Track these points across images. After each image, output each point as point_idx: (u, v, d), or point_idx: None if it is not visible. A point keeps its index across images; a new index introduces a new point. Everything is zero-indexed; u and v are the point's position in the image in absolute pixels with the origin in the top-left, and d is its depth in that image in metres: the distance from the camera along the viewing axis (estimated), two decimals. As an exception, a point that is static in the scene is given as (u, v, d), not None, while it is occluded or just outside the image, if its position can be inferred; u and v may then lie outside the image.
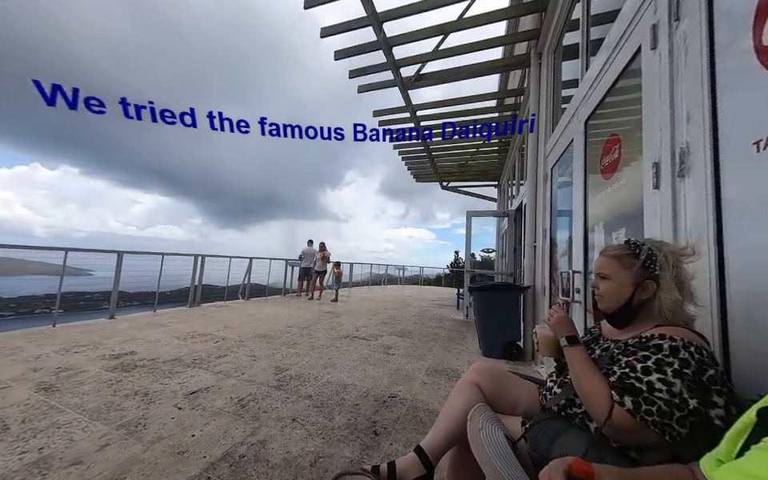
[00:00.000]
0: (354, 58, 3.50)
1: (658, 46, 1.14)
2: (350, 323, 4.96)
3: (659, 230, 1.12)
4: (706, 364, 0.64)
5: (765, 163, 0.73)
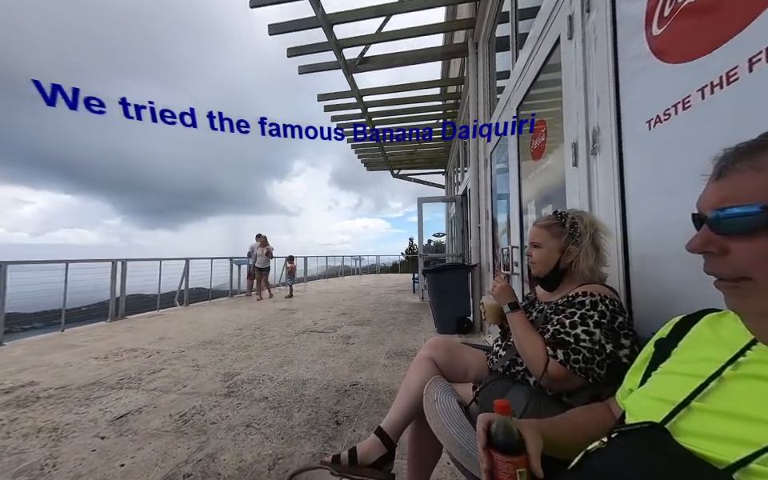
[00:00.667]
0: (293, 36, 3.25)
1: (574, 36, 1.27)
2: (307, 318, 4.79)
3: (578, 203, 1.28)
4: (617, 313, 0.75)
5: (654, 138, 0.87)
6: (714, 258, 0.37)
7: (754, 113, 0.57)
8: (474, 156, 3.63)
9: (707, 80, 0.68)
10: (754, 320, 0.36)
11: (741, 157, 0.35)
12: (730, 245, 0.35)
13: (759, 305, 0.34)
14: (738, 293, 0.36)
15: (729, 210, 0.34)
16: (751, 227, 0.33)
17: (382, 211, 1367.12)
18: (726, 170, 0.36)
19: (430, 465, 1.04)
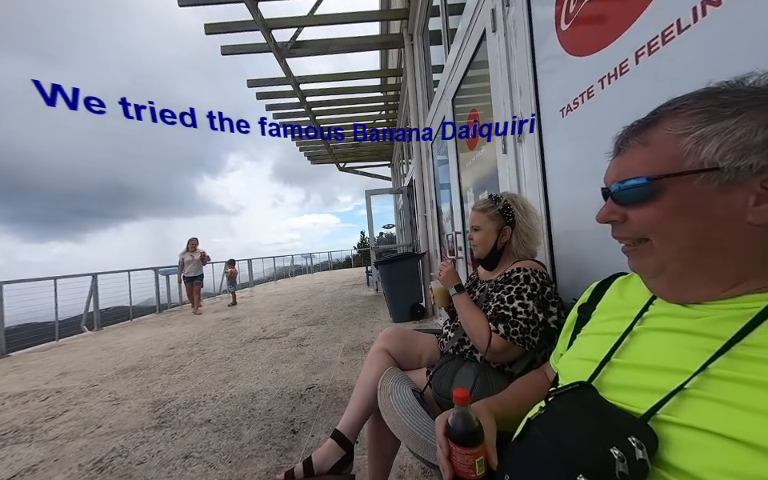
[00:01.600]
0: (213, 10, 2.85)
1: (497, 30, 1.35)
2: (254, 325, 4.43)
3: (509, 188, 1.39)
4: (546, 284, 0.83)
5: (566, 125, 0.97)
6: (617, 225, 0.42)
7: (642, 99, 0.67)
8: (417, 148, 3.73)
9: (605, 71, 0.78)
10: (651, 278, 0.41)
11: (633, 134, 0.39)
12: (628, 213, 0.39)
13: (654, 263, 0.39)
14: (637, 254, 0.41)
15: (625, 183, 0.38)
16: (642, 196, 0.37)
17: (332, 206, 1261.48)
18: (622, 146, 0.40)
19: (391, 454, 1.04)
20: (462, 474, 0.46)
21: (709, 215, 0.33)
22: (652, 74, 0.65)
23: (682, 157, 0.34)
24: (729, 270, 0.34)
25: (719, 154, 0.32)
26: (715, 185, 0.32)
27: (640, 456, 0.29)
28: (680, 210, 0.35)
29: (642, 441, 0.30)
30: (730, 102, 0.32)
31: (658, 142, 0.36)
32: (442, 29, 2.69)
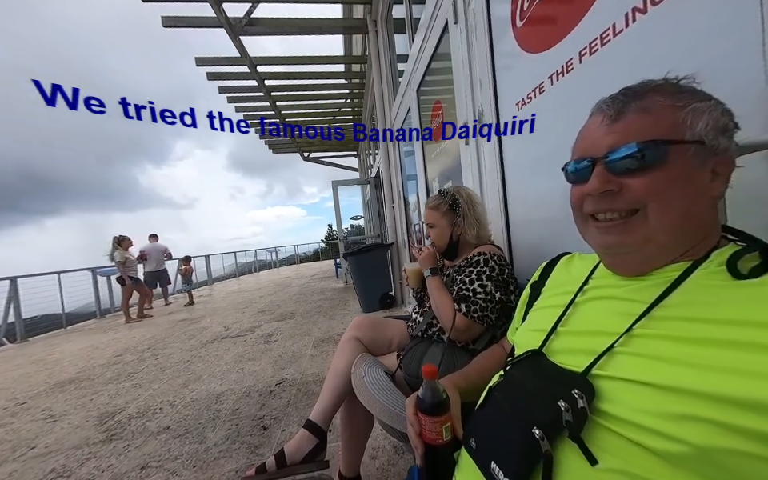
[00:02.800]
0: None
1: (459, 22, 1.39)
2: (216, 324, 4.17)
3: (471, 177, 1.46)
4: (503, 266, 0.90)
5: (523, 116, 1.05)
6: (608, 196, 0.39)
7: (585, 94, 0.74)
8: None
9: (554, 69, 0.84)
10: (626, 253, 0.40)
11: (629, 98, 0.38)
12: (625, 181, 0.37)
13: (641, 237, 0.38)
14: (624, 228, 0.39)
15: (622, 150, 0.36)
16: (646, 164, 0.36)
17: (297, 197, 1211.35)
18: (621, 111, 0.38)
19: (363, 437, 1.07)
20: (430, 441, 0.49)
21: (697, 187, 0.35)
22: (593, 73, 0.72)
23: (682, 126, 0.34)
24: (686, 242, 0.37)
25: (707, 129, 0.34)
26: (699, 160, 0.34)
27: (581, 405, 0.34)
28: (680, 179, 0.35)
29: (582, 392, 0.35)
30: (693, 90, 0.36)
31: (657, 110, 0.36)
32: (405, 17, 2.68)
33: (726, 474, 0.26)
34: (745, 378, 0.26)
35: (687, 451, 0.27)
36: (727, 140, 0.34)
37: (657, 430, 0.29)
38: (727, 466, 0.26)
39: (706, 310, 0.32)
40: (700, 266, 0.35)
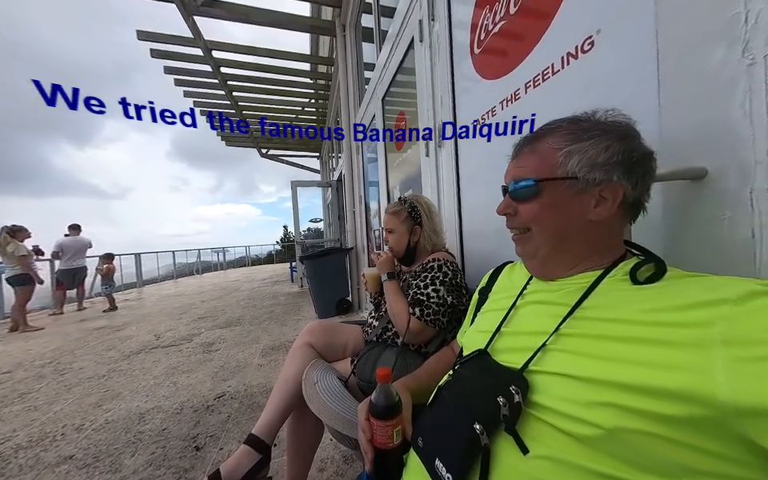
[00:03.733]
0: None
1: (424, 40, 1.46)
2: (144, 332, 3.64)
3: (429, 188, 1.53)
4: (455, 272, 0.95)
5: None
6: (511, 217, 0.51)
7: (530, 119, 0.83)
8: (347, 143, 3.71)
9: (504, 96, 0.93)
10: (530, 260, 0.52)
11: (526, 143, 0.49)
12: (518, 207, 0.49)
13: (532, 248, 0.49)
14: (521, 241, 0.51)
15: (517, 183, 0.47)
16: (528, 194, 0.46)
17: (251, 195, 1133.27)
18: (517, 152, 0.50)
19: (311, 450, 1.02)
20: (380, 445, 0.49)
21: (568, 212, 0.44)
22: (536, 102, 0.82)
23: (556, 166, 0.44)
24: (573, 254, 0.46)
25: (578, 167, 0.42)
26: (573, 190, 0.43)
27: (516, 399, 0.37)
28: (551, 207, 0.45)
29: (519, 387, 0.38)
30: (587, 128, 0.44)
31: (543, 152, 0.46)
32: (374, 27, 2.74)
33: (628, 451, 0.31)
34: (638, 368, 0.31)
35: (599, 433, 0.31)
36: (604, 173, 0.41)
37: (576, 417, 0.33)
38: (629, 444, 0.30)
39: (613, 311, 0.37)
40: (609, 274, 0.42)
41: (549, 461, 0.34)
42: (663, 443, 0.29)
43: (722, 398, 0.26)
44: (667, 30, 0.50)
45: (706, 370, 0.27)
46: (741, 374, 0.26)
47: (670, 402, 0.28)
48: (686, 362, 0.29)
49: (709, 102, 0.45)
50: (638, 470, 0.30)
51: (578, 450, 0.32)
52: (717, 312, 0.29)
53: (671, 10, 0.50)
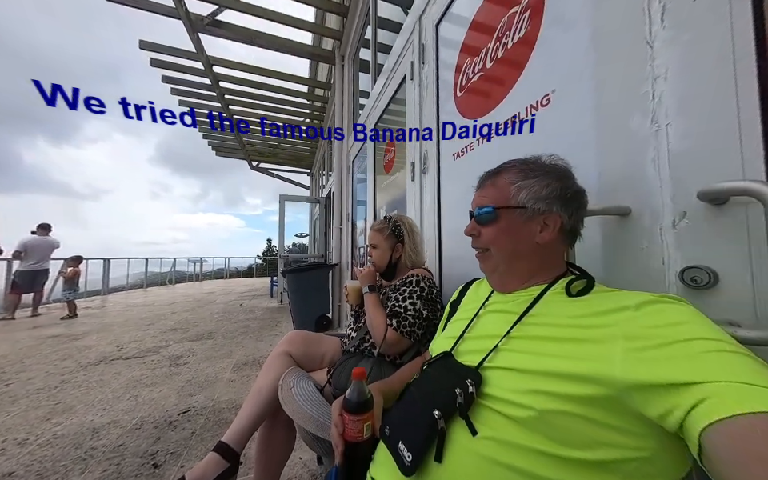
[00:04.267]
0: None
1: (414, 79, 1.62)
2: (105, 343, 3.41)
3: (414, 209, 1.63)
4: (432, 287, 1.02)
5: (456, 167, 1.25)
6: (475, 238, 0.59)
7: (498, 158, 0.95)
8: (338, 162, 3.83)
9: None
10: (491, 275, 0.60)
11: (488, 177, 0.59)
12: (481, 229, 0.57)
13: (492, 265, 0.58)
14: (483, 258, 0.59)
15: (480, 209, 0.56)
16: (489, 219, 0.55)
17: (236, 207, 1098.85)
18: (481, 184, 0.60)
19: (280, 465, 1.01)
20: (351, 438, 0.52)
21: (520, 235, 0.53)
22: (505, 144, 0.94)
23: (510, 197, 0.53)
24: (525, 271, 0.55)
25: (526, 198, 0.52)
26: (523, 218, 0.52)
27: (470, 390, 0.43)
28: (506, 230, 0.54)
29: (473, 380, 0.44)
30: (534, 168, 0.54)
31: (500, 186, 0.55)
32: (371, 61, 2.95)
33: (553, 429, 0.37)
34: (561, 359, 0.39)
35: (533, 415, 0.38)
36: (546, 204, 0.51)
37: (515, 402, 0.39)
38: (554, 423, 0.37)
39: (550, 317, 0.45)
40: (551, 288, 0.50)
41: (492, 441, 0.39)
42: (578, 420, 0.35)
43: (618, 378, 0.33)
44: (602, 96, 0.63)
45: (609, 359, 0.35)
46: (632, 360, 0.33)
47: (582, 384, 0.35)
48: (595, 353, 0.36)
49: (631, 156, 0.56)
50: (561, 444, 0.36)
51: (515, 431, 0.39)
52: (621, 316, 0.38)
53: (604, 81, 0.63)
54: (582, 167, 0.64)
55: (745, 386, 0.27)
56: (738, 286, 0.42)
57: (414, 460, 0.41)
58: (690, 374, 0.29)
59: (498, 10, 0.98)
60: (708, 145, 0.45)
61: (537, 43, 0.81)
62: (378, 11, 2.85)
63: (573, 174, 0.54)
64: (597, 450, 0.35)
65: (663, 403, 0.30)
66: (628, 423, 0.34)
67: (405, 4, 2.12)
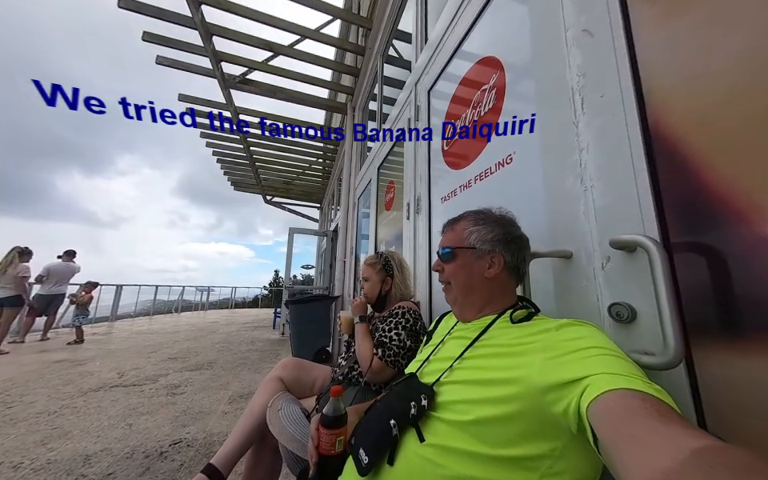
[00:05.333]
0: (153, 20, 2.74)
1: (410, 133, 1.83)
2: (107, 369, 3.45)
3: (409, 245, 1.74)
4: (416, 319, 1.09)
5: (444, 209, 1.38)
6: (440, 273, 0.69)
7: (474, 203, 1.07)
8: (345, 197, 4.07)
9: (462, 183, 1.20)
10: (453, 305, 0.69)
11: (449, 224, 0.71)
12: (444, 266, 0.68)
13: (453, 297, 0.67)
14: (447, 291, 0.69)
15: (443, 249, 0.67)
16: (449, 258, 0.66)
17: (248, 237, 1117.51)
18: (445, 229, 0.72)
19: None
20: (324, 452, 0.59)
21: (472, 271, 0.63)
22: (480, 191, 1.07)
23: (464, 239, 0.65)
24: (478, 302, 0.64)
25: (476, 241, 0.63)
26: (474, 256, 0.63)
27: (423, 403, 0.51)
28: (462, 267, 0.64)
29: (427, 395, 0.52)
30: (483, 218, 0.66)
31: (457, 230, 0.67)
32: (377, 111, 3.29)
33: (485, 432, 0.44)
34: (496, 370, 0.47)
35: (469, 419, 0.45)
36: (490, 246, 0.62)
37: (457, 410, 0.47)
38: (486, 426, 0.44)
39: (496, 340, 0.54)
40: (500, 318, 0.59)
41: (435, 447, 0.46)
42: (504, 421, 0.43)
43: (535, 381, 0.41)
44: (547, 161, 0.76)
45: (530, 366, 0.43)
46: (545, 367, 0.42)
47: (506, 385, 0.44)
48: (522, 363, 0.45)
49: (569, 209, 0.68)
50: (490, 445, 0.43)
51: (455, 436, 0.46)
52: (545, 335, 0.46)
53: (549, 148, 0.76)
54: (536, 216, 0.76)
55: (613, 376, 0.35)
56: (649, 321, 0.50)
57: (370, 462, 0.48)
58: (579, 371, 0.38)
59: (475, 83, 1.17)
60: (618, 203, 0.56)
61: (501, 113, 0.97)
62: (385, 72, 3.24)
63: (516, 223, 0.66)
64: (516, 446, 0.42)
65: (564, 399, 0.38)
66: (540, 422, 0.41)
67: (407, 66, 2.44)
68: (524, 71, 0.88)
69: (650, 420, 0.28)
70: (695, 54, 0.47)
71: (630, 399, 0.31)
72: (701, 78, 0.46)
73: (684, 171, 0.48)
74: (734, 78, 0.42)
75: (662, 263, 0.43)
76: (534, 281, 0.72)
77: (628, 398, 0.31)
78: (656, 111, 0.51)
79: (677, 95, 0.49)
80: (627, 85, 0.55)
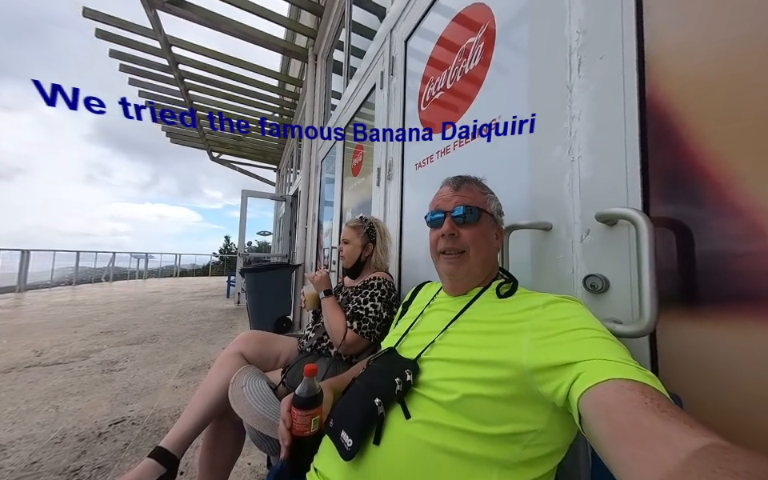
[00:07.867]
0: None
1: (384, 88, 1.68)
2: (19, 347, 2.94)
3: (378, 213, 1.67)
4: (391, 291, 1.06)
5: (417, 176, 1.32)
6: (451, 238, 0.58)
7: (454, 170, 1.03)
8: (307, 160, 3.77)
9: (438, 149, 1.14)
10: (459, 279, 0.60)
11: (465, 181, 0.62)
12: (461, 230, 0.57)
13: (466, 268, 0.58)
14: (458, 261, 0.58)
15: (465, 208, 0.56)
16: (472, 220, 0.57)
17: (192, 198, 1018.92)
18: (458, 186, 0.61)
19: (226, 471, 0.97)
20: (298, 433, 0.54)
21: (490, 241, 0.59)
22: (456, 158, 1.04)
23: (486, 203, 0.59)
24: (481, 277, 0.60)
25: (493, 209, 0.59)
26: (490, 225, 0.59)
27: (408, 379, 0.48)
28: (483, 235, 0.58)
29: (411, 370, 0.49)
30: (485, 186, 0.62)
31: (475, 191, 0.60)
32: (344, 63, 2.97)
33: (471, 409, 0.43)
34: (483, 349, 0.46)
35: (456, 398, 0.43)
36: (498, 216, 0.61)
37: (443, 389, 0.45)
38: (472, 404, 0.43)
39: (481, 315, 0.52)
40: (485, 290, 0.57)
41: (423, 423, 0.45)
42: (491, 401, 0.42)
43: (524, 363, 0.40)
44: (534, 136, 0.74)
45: (518, 347, 0.42)
46: (534, 348, 0.41)
47: (496, 368, 0.42)
48: (509, 343, 0.43)
49: (553, 181, 0.67)
50: (477, 422, 0.42)
51: (441, 413, 0.44)
52: (532, 313, 0.45)
53: (538, 113, 0.73)
54: (518, 186, 0.74)
55: (605, 362, 0.34)
56: (622, 292, 0.53)
57: (354, 445, 0.44)
58: (570, 355, 0.37)
59: (460, 34, 1.07)
60: (605, 176, 0.56)
61: (488, 69, 0.91)
62: (354, 16, 2.89)
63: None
64: (504, 425, 0.41)
65: (554, 381, 0.37)
66: (528, 401, 0.41)
67: (380, 13, 2.20)
68: (516, 23, 0.82)
69: (650, 416, 0.28)
70: (704, 28, 0.45)
71: (628, 392, 0.30)
72: (706, 54, 0.45)
73: (673, 148, 0.48)
74: (740, 63, 0.41)
75: (649, 237, 0.44)
76: (511, 250, 0.72)
77: (626, 390, 0.31)
78: (656, 83, 0.50)
79: (678, 69, 0.47)
80: (630, 49, 0.52)
